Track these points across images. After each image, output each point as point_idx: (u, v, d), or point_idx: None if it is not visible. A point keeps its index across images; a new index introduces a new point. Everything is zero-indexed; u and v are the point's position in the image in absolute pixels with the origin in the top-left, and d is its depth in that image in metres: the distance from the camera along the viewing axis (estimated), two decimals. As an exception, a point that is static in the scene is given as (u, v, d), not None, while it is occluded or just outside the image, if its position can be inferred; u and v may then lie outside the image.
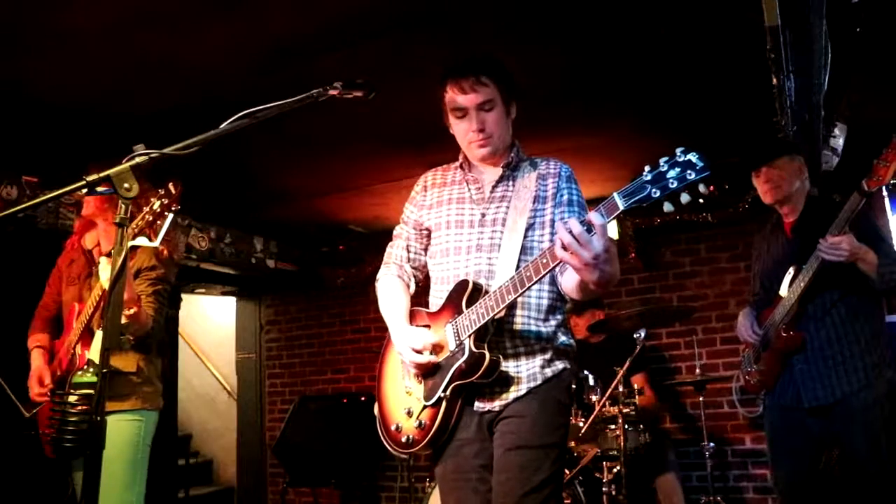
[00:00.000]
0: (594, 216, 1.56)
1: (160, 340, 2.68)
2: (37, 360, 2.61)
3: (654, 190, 1.50)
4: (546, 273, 1.71)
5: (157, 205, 2.05)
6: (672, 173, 1.48)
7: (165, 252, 2.55)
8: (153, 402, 2.56)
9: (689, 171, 1.47)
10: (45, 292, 2.75)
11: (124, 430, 2.45)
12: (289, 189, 4.40)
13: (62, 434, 2.28)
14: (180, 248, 2.72)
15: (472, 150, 2.01)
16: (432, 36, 2.57)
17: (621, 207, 1.54)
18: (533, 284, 1.75)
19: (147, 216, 2.06)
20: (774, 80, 2.64)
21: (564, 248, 1.57)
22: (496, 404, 1.89)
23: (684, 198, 1.50)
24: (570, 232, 1.56)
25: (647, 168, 1.52)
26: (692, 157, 1.48)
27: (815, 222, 2.56)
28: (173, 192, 2.05)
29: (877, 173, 2.40)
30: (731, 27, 2.56)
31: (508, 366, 1.89)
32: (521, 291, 1.76)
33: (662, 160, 1.50)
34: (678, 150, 1.49)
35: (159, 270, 2.54)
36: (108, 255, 1.81)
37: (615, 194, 1.56)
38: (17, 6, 2.25)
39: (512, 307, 1.89)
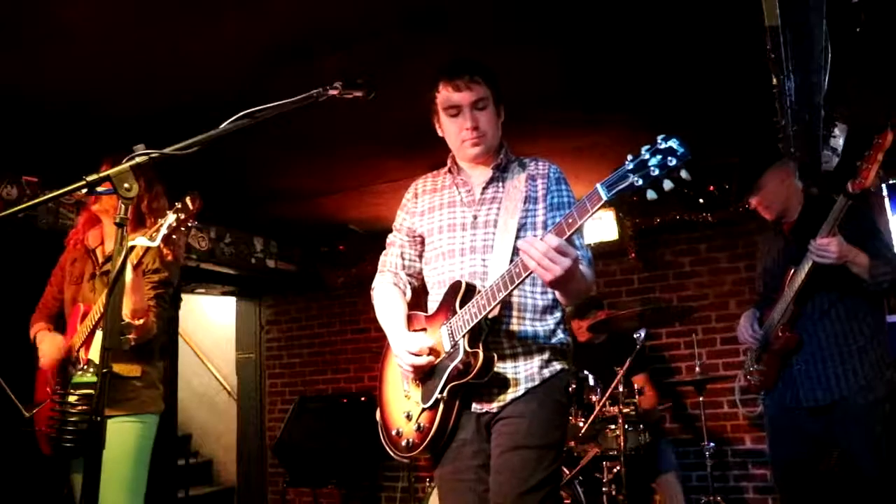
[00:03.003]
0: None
1: (162, 343, 2.66)
2: (46, 333, 2.58)
3: (636, 179, 1.50)
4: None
5: (172, 219, 2.03)
6: (654, 161, 1.48)
7: (171, 256, 2.52)
8: (154, 405, 2.55)
9: (669, 158, 1.47)
10: (45, 290, 2.72)
11: (126, 433, 2.43)
12: (289, 189, 4.40)
13: (62, 434, 2.28)
14: (182, 251, 2.69)
15: (465, 148, 2.01)
16: (432, 36, 2.57)
17: (604, 198, 1.54)
18: (523, 280, 1.74)
19: (161, 228, 2.04)
20: (774, 80, 2.63)
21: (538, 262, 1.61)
22: (494, 406, 1.89)
23: (667, 184, 1.48)
24: (541, 248, 1.59)
25: (629, 157, 1.52)
26: (673, 143, 1.48)
27: (813, 223, 2.56)
28: (191, 207, 2.03)
29: (860, 175, 2.42)
30: (731, 27, 2.56)
31: (506, 367, 1.89)
32: (510, 288, 1.75)
33: (644, 148, 1.50)
34: (659, 138, 1.49)
35: (163, 274, 2.52)
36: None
37: (598, 185, 1.56)
38: (17, 5, 2.25)
39: (508, 308, 1.89)
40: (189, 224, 2.06)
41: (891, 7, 2.39)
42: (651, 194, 1.50)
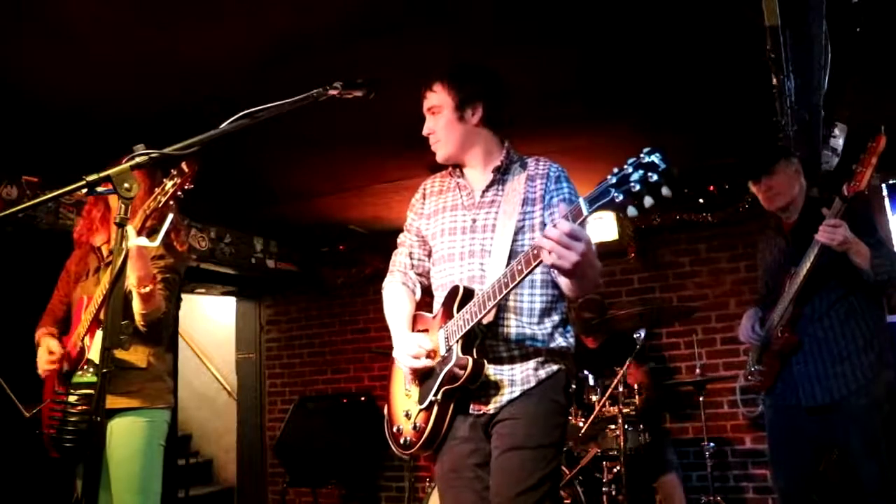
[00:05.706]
0: (562, 223, 1.52)
1: (170, 334, 2.61)
2: (45, 339, 2.52)
3: (617, 194, 1.44)
4: (522, 278, 1.69)
5: (169, 185, 1.98)
6: (635, 176, 1.41)
7: (177, 243, 2.51)
8: (163, 399, 2.48)
9: (650, 174, 1.40)
10: (53, 294, 2.69)
11: (136, 431, 2.39)
12: (289, 189, 4.39)
13: (62, 434, 2.28)
14: (186, 242, 2.67)
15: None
16: (433, 35, 2.57)
17: (584, 213, 1.51)
18: (512, 289, 1.73)
19: (159, 197, 1.99)
20: (774, 80, 2.64)
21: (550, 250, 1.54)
22: (490, 407, 1.89)
23: (647, 201, 1.40)
24: (554, 235, 1.52)
25: (614, 170, 1.46)
26: (655, 157, 1.40)
27: (814, 224, 2.56)
28: (186, 170, 1.98)
29: (855, 178, 2.43)
30: (731, 27, 2.56)
31: (503, 369, 1.89)
32: (500, 296, 1.75)
33: (629, 161, 1.44)
34: (643, 151, 1.43)
35: (168, 260, 2.48)
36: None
37: (580, 199, 1.53)
38: (17, 4, 2.25)
39: (505, 311, 1.89)
40: (187, 187, 2.01)
41: (891, 7, 2.39)
42: (632, 211, 1.43)
